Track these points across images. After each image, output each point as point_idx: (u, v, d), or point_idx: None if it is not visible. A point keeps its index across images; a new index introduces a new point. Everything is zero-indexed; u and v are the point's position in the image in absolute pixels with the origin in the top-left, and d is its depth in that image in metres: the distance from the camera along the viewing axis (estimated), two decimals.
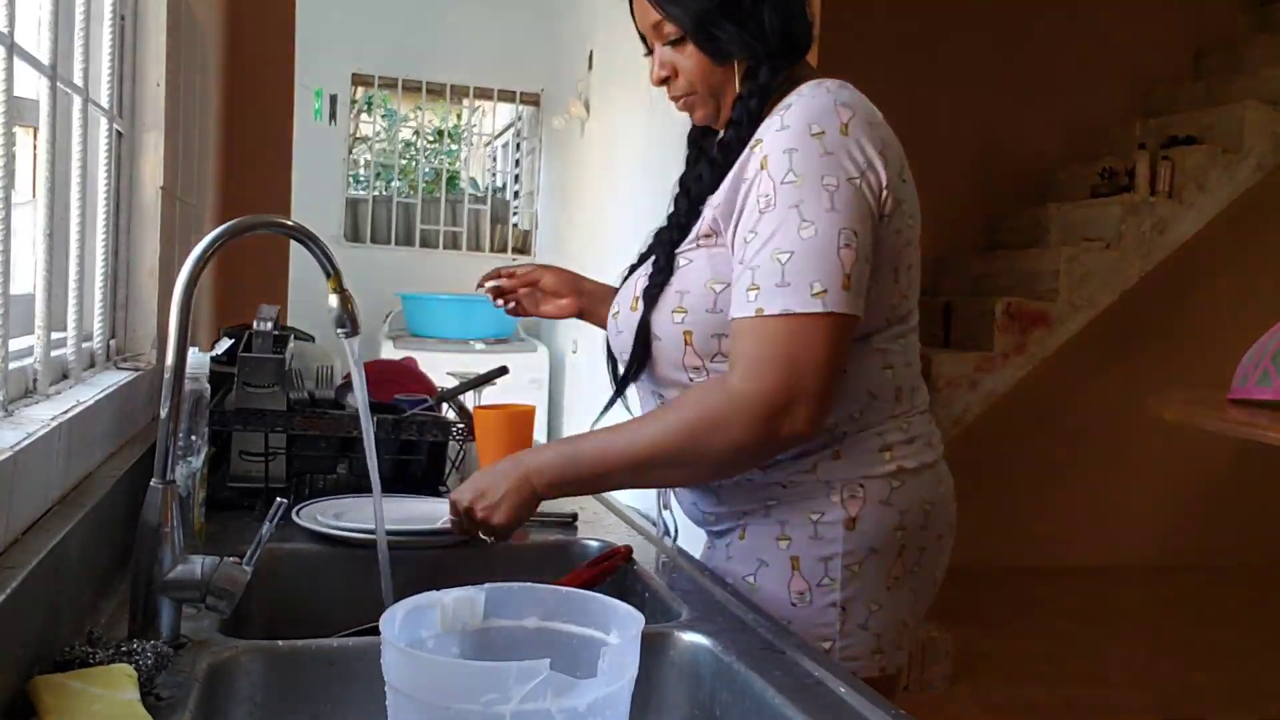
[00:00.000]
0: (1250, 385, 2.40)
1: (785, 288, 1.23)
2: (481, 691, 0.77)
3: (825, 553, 1.36)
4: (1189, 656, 4.39)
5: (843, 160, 1.26)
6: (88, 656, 0.93)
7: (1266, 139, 4.92)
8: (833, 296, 1.23)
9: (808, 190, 1.24)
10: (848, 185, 1.25)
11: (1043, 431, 5.60)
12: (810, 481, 1.37)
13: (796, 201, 1.24)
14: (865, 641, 1.38)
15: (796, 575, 1.37)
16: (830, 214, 1.24)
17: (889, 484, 1.37)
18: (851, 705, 0.97)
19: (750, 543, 1.41)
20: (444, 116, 7.43)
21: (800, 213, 1.24)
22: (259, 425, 1.61)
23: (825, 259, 1.23)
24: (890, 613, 1.39)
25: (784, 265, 1.23)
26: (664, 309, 1.37)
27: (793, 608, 1.37)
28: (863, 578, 1.37)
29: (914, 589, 1.42)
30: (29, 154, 1.50)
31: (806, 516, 1.37)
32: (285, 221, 1.16)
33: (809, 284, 1.23)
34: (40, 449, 1.00)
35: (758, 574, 1.40)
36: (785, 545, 1.38)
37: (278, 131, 3.46)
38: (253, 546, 1.05)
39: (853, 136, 1.27)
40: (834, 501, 1.36)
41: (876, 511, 1.36)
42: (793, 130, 1.27)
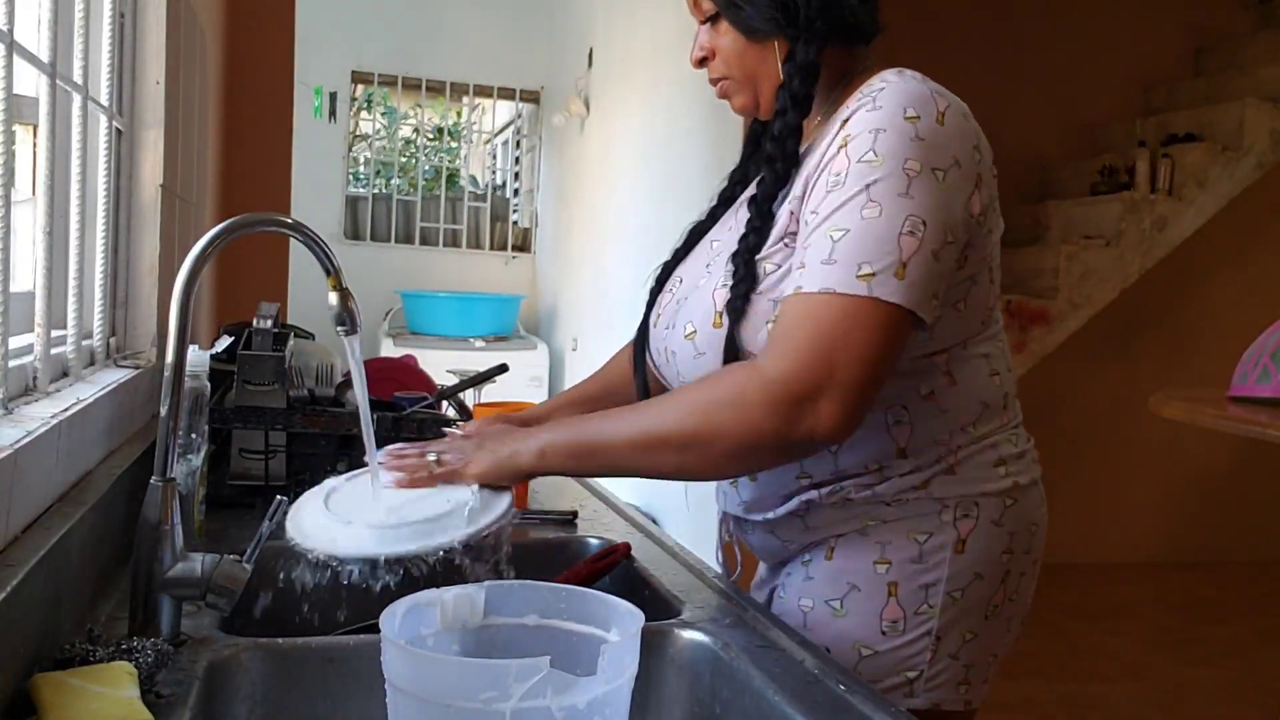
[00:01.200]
0: (1250, 383, 2.40)
1: (830, 265, 1.11)
2: (481, 689, 0.77)
3: (929, 579, 1.25)
4: (1188, 653, 4.39)
5: (933, 149, 1.14)
6: (88, 654, 0.94)
7: (1266, 136, 4.92)
8: (881, 281, 1.09)
9: (885, 171, 1.12)
10: (931, 175, 1.13)
11: (1043, 428, 5.53)
12: (920, 499, 1.25)
13: (869, 181, 1.13)
14: (953, 673, 1.27)
15: (892, 602, 1.25)
16: (902, 199, 1.12)
17: (1003, 502, 1.28)
18: (851, 703, 0.97)
19: (840, 564, 1.29)
20: (444, 114, 7.44)
21: (870, 193, 1.12)
22: (259, 423, 1.61)
23: (882, 242, 1.10)
24: (984, 643, 1.29)
25: (835, 243, 1.12)
26: (756, 321, 1.21)
27: (882, 636, 1.26)
28: (962, 605, 1.26)
29: (1009, 617, 1.32)
30: (29, 152, 1.49)
31: (912, 538, 1.25)
32: (285, 219, 1.16)
33: (857, 264, 1.10)
34: (40, 447, 1.00)
35: (846, 600, 1.27)
36: (884, 570, 1.26)
37: (277, 129, 3.46)
38: (253, 544, 1.05)
39: (949, 127, 1.17)
40: (944, 521, 1.25)
41: (988, 533, 1.26)
42: (885, 111, 1.16)
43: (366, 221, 5.99)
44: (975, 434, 1.27)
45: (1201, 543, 5.79)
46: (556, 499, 1.78)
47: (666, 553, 1.49)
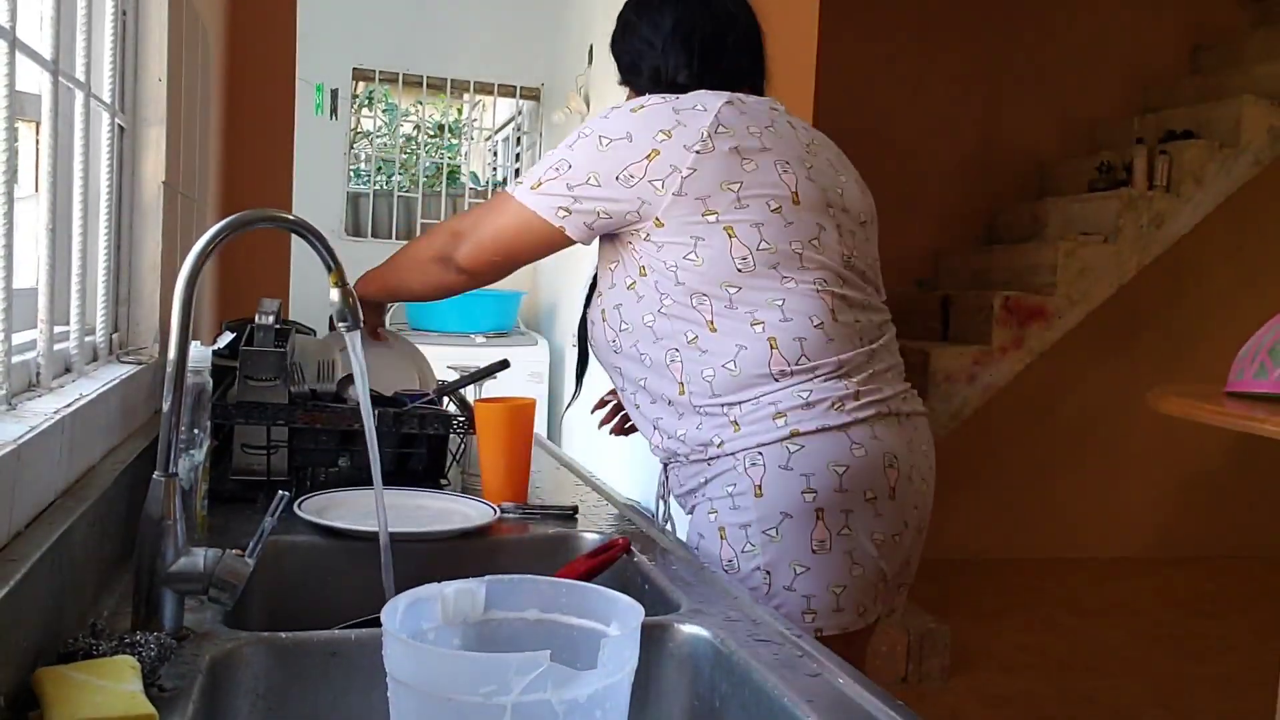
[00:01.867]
0: (1247, 378, 2.40)
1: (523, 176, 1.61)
2: (482, 683, 0.78)
3: (742, 520, 1.49)
4: (1186, 648, 4.40)
5: (611, 125, 1.54)
6: (91, 648, 0.94)
7: (1263, 134, 4.92)
8: (522, 189, 1.60)
9: (574, 131, 1.58)
10: (596, 140, 1.53)
11: (1040, 425, 5.61)
12: (721, 456, 1.51)
13: (570, 140, 1.57)
14: (794, 603, 1.47)
15: (725, 544, 1.51)
16: (565, 148, 1.56)
17: (786, 449, 1.47)
18: (850, 696, 0.98)
19: (694, 519, 1.59)
20: (444, 111, 7.42)
21: (567, 143, 1.57)
22: (261, 418, 1.61)
23: (538, 167, 1.58)
24: (819, 575, 1.47)
25: (533, 166, 1.60)
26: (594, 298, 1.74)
27: (726, 574, 1.43)
28: (782, 541, 1.47)
29: (847, 551, 1.49)
30: (31, 149, 1.50)
31: (725, 489, 1.51)
32: (286, 216, 1.17)
33: (536, 180, 1.57)
34: (43, 442, 1.01)
35: (700, 546, 1.54)
36: (714, 518, 1.53)
37: (279, 126, 3.46)
38: (255, 539, 1.06)
39: (642, 115, 1.54)
40: (740, 471, 1.50)
41: (780, 476, 1.47)
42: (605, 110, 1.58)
43: (368, 218, 5.99)
44: (736, 373, 1.50)
45: (1199, 538, 5.80)
46: (556, 495, 1.79)
47: (666, 547, 1.49)
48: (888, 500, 1.51)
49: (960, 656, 3.99)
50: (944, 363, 4.58)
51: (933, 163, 5.32)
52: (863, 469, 1.49)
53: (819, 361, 1.50)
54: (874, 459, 1.50)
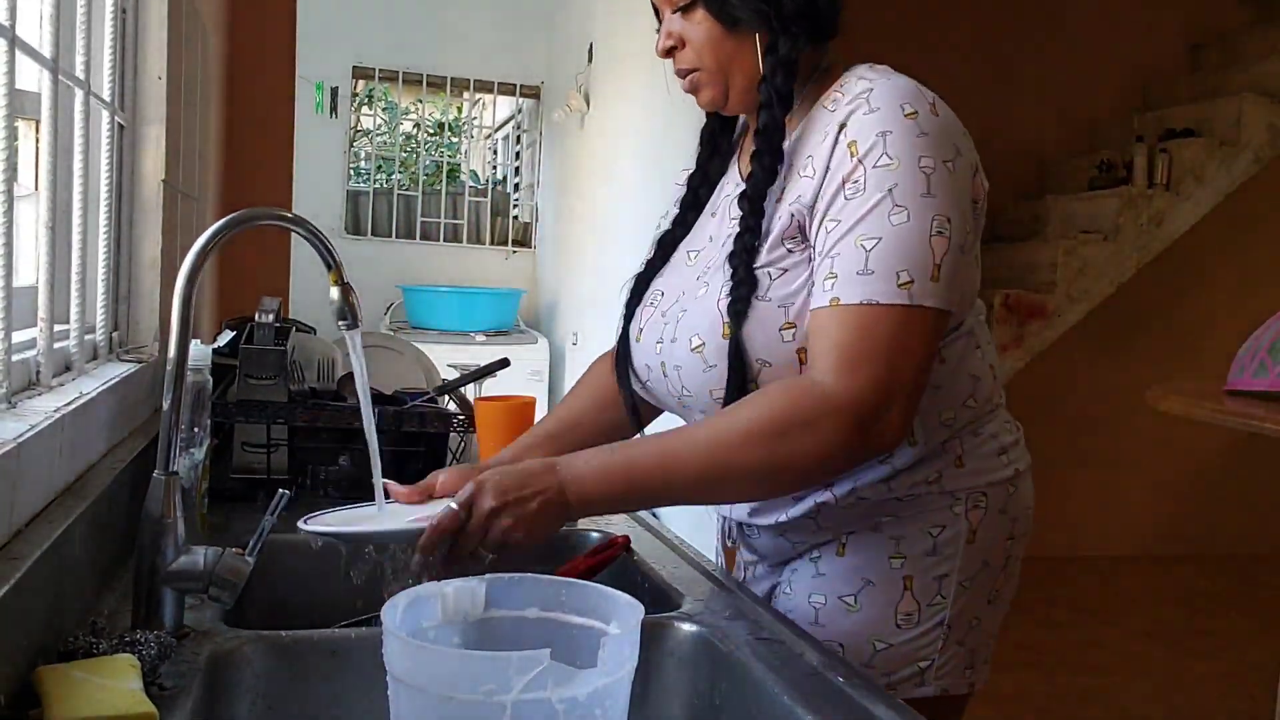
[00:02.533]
0: (1246, 376, 2.40)
1: (868, 276, 1.11)
2: (482, 681, 0.78)
3: (942, 571, 1.26)
4: (1186, 645, 4.40)
5: (938, 142, 1.15)
6: (91, 647, 0.94)
7: (1263, 131, 4.92)
8: (919, 287, 1.10)
9: (904, 174, 1.13)
10: (943, 168, 1.14)
11: (1040, 423, 5.56)
12: (933, 493, 1.26)
13: (890, 185, 1.13)
14: (960, 658, 1.29)
15: (907, 596, 1.26)
16: (925, 199, 1.12)
17: (1007, 490, 1.29)
18: (849, 694, 0.98)
19: (853, 560, 1.28)
20: (444, 109, 7.43)
21: (893, 197, 1.12)
22: (261, 417, 1.62)
23: (916, 248, 1.11)
24: (986, 626, 1.31)
25: (869, 252, 1.11)
26: (766, 329, 1.19)
27: (896, 629, 1.26)
28: (971, 593, 1.28)
29: (1005, 599, 1.34)
30: (31, 147, 1.50)
31: (925, 532, 1.26)
32: (286, 214, 1.17)
33: (895, 273, 1.10)
34: (43, 441, 1.01)
35: (860, 595, 1.27)
36: (899, 564, 1.26)
37: (279, 124, 3.46)
38: (255, 537, 1.06)
39: (943, 116, 1.18)
40: (956, 514, 1.26)
41: (995, 521, 1.28)
42: (884, 112, 1.16)
43: (367, 216, 5.99)
44: (975, 409, 1.28)
45: (1198, 535, 5.80)
46: None
47: (666, 546, 1.49)
48: (1023, 543, 1.35)
49: None
50: None
51: None
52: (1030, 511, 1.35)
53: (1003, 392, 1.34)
54: (1031, 499, 1.36)
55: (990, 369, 1.31)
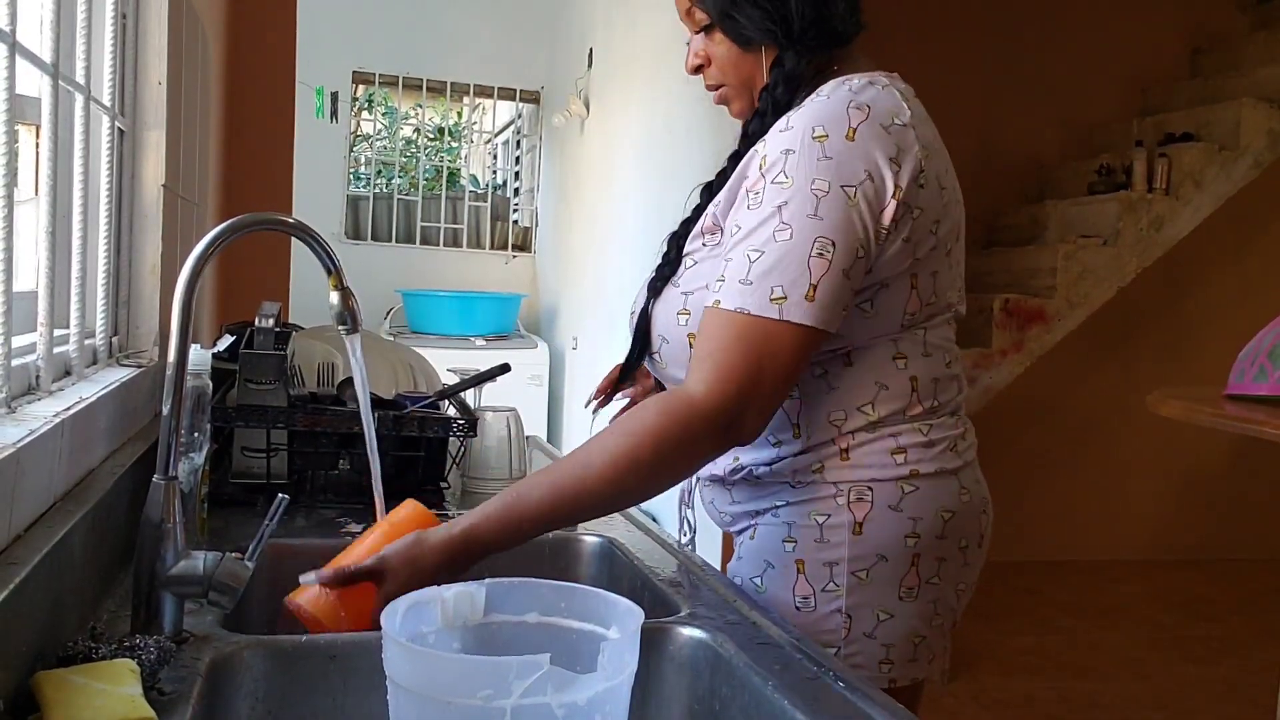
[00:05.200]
0: (1246, 381, 2.40)
1: (747, 286, 1.19)
2: (482, 686, 0.78)
3: (830, 557, 1.31)
4: (1185, 650, 4.40)
5: (842, 167, 1.20)
6: (91, 651, 0.94)
7: (1263, 136, 4.92)
8: (791, 305, 1.18)
9: (795, 192, 1.19)
10: (839, 193, 1.19)
11: (1040, 428, 5.60)
12: (816, 482, 1.32)
13: (781, 202, 1.20)
14: (872, 651, 1.32)
15: (801, 579, 1.33)
16: (810, 220, 1.18)
17: (900, 488, 1.32)
18: (850, 700, 0.98)
19: (759, 544, 1.38)
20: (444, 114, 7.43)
21: (781, 215, 1.19)
22: (261, 422, 1.62)
23: (793, 266, 1.18)
24: (903, 623, 1.33)
25: (753, 263, 1.20)
26: (669, 310, 1.33)
27: (797, 612, 1.32)
28: (871, 585, 1.32)
29: (933, 600, 1.35)
30: (31, 152, 1.50)
31: (813, 519, 1.32)
32: (286, 219, 1.17)
33: (770, 287, 1.18)
34: (43, 445, 1.01)
35: (764, 576, 1.36)
36: (791, 548, 1.34)
37: (279, 129, 3.47)
38: (255, 542, 1.06)
39: (859, 142, 1.21)
40: (839, 504, 1.31)
41: (886, 517, 1.31)
42: (795, 131, 1.22)
43: (367, 221, 6.00)
44: (872, 417, 1.31)
45: (1198, 540, 5.80)
46: None
47: (666, 550, 1.49)
48: (976, 549, 1.39)
49: (960, 659, 3.99)
50: None
51: None
52: (965, 515, 1.37)
53: (944, 401, 1.36)
54: (974, 505, 1.38)
55: (911, 381, 1.33)
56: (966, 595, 1.41)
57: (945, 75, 5.58)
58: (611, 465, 1.18)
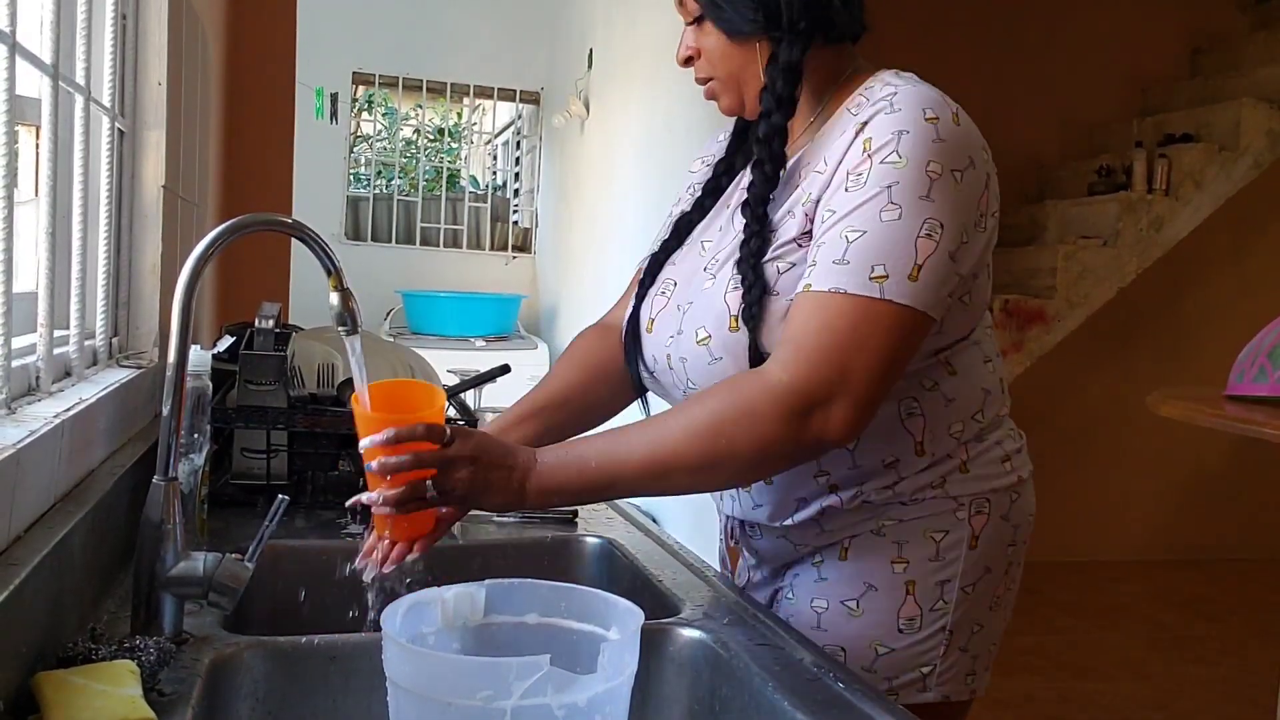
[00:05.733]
0: (1246, 381, 2.40)
1: (843, 265, 1.10)
2: (482, 687, 0.78)
3: (944, 576, 1.26)
4: (1185, 650, 4.40)
5: (952, 150, 1.14)
6: (90, 652, 0.94)
7: (1263, 137, 4.92)
8: (894, 284, 1.09)
9: (908, 173, 1.11)
10: (950, 177, 1.13)
11: (1040, 428, 5.56)
12: (937, 498, 1.26)
13: (890, 183, 1.11)
14: (962, 664, 1.29)
15: (909, 601, 1.26)
16: (923, 201, 1.11)
17: (1010, 496, 1.30)
18: (850, 700, 0.98)
19: (855, 565, 1.28)
20: (444, 115, 7.43)
21: (890, 194, 1.11)
22: (261, 423, 1.61)
23: (899, 244, 1.10)
24: (989, 633, 1.32)
25: (850, 243, 1.11)
26: (774, 323, 1.18)
27: (899, 634, 1.26)
28: (973, 599, 1.28)
29: (1006, 605, 1.35)
30: (31, 153, 1.50)
31: (929, 537, 1.26)
32: (286, 220, 1.17)
33: (870, 266, 1.09)
34: (43, 446, 1.01)
35: (862, 599, 1.27)
36: (901, 569, 1.26)
37: (279, 130, 3.46)
38: (254, 543, 1.06)
39: (964, 126, 1.17)
40: (960, 519, 1.26)
41: (997, 527, 1.29)
42: (905, 114, 1.15)
43: (367, 222, 6.00)
44: (983, 423, 1.28)
45: (1198, 541, 5.80)
46: None
47: (666, 551, 1.49)
48: (1024, 549, 1.36)
49: None
50: None
51: None
52: (1032, 518, 1.36)
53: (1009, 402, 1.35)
54: (1033, 506, 1.37)
55: (1000, 381, 1.32)
56: None
57: (945, 75, 5.56)
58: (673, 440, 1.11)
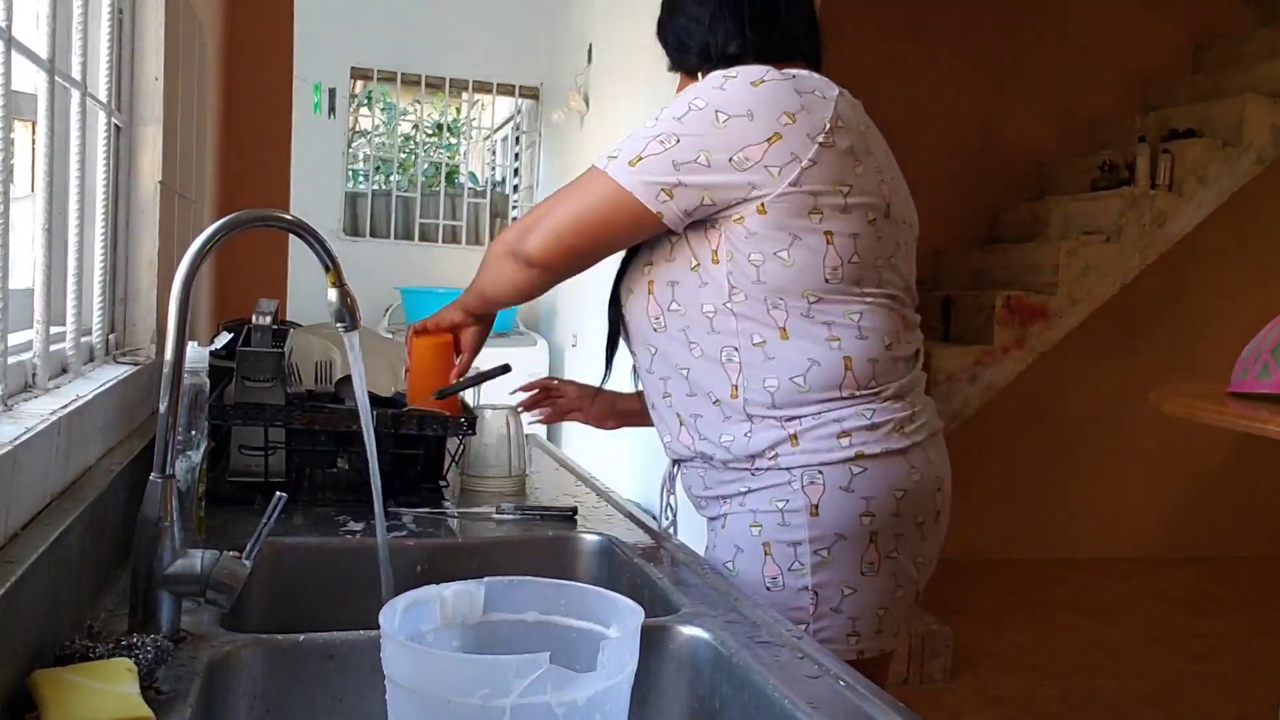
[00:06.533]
0: (1250, 378, 2.39)
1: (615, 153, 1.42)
2: (481, 685, 0.77)
3: (793, 538, 1.43)
4: (1187, 647, 4.40)
5: (728, 100, 1.38)
6: (88, 650, 0.94)
7: (1266, 132, 4.91)
8: (615, 164, 1.40)
9: (677, 102, 1.41)
10: (711, 114, 1.38)
11: (1042, 425, 5.60)
12: (773, 469, 1.44)
13: (664, 107, 1.41)
14: (839, 625, 1.44)
15: (769, 560, 1.44)
16: (672, 120, 1.39)
17: (848, 470, 1.42)
18: (851, 698, 0.97)
19: (730, 530, 1.50)
20: (443, 110, 7.43)
21: (659, 114, 1.40)
22: (258, 420, 1.61)
23: (636, 140, 1.40)
24: (866, 597, 1.44)
25: (628, 139, 1.42)
26: (637, 263, 1.53)
27: (768, 592, 1.43)
28: (834, 563, 1.43)
29: (893, 574, 1.46)
30: (27, 148, 1.50)
31: (774, 504, 1.44)
32: (284, 216, 1.16)
33: (613, 150, 1.41)
34: (40, 443, 1.00)
35: (735, 560, 1.48)
36: (757, 532, 1.46)
37: (277, 125, 3.46)
38: (252, 540, 1.05)
39: (764, 90, 1.39)
40: (795, 489, 1.43)
41: (839, 498, 1.42)
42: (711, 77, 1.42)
43: (366, 218, 5.99)
44: (805, 389, 1.43)
45: (1200, 538, 5.80)
46: (556, 495, 1.78)
47: (666, 549, 1.49)
48: (933, 524, 1.50)
49: (962, 657, 3.99)
50: (945, 363, 4.57)
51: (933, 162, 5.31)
52: (917, 493, 1.46)
53: (885, 384, 1.45)
54: (927, 483, 1.47)
55: (845, 361, 1.43)
56: (928, 568, 1.53)
57: (948, 72, 5.58)
58: None
